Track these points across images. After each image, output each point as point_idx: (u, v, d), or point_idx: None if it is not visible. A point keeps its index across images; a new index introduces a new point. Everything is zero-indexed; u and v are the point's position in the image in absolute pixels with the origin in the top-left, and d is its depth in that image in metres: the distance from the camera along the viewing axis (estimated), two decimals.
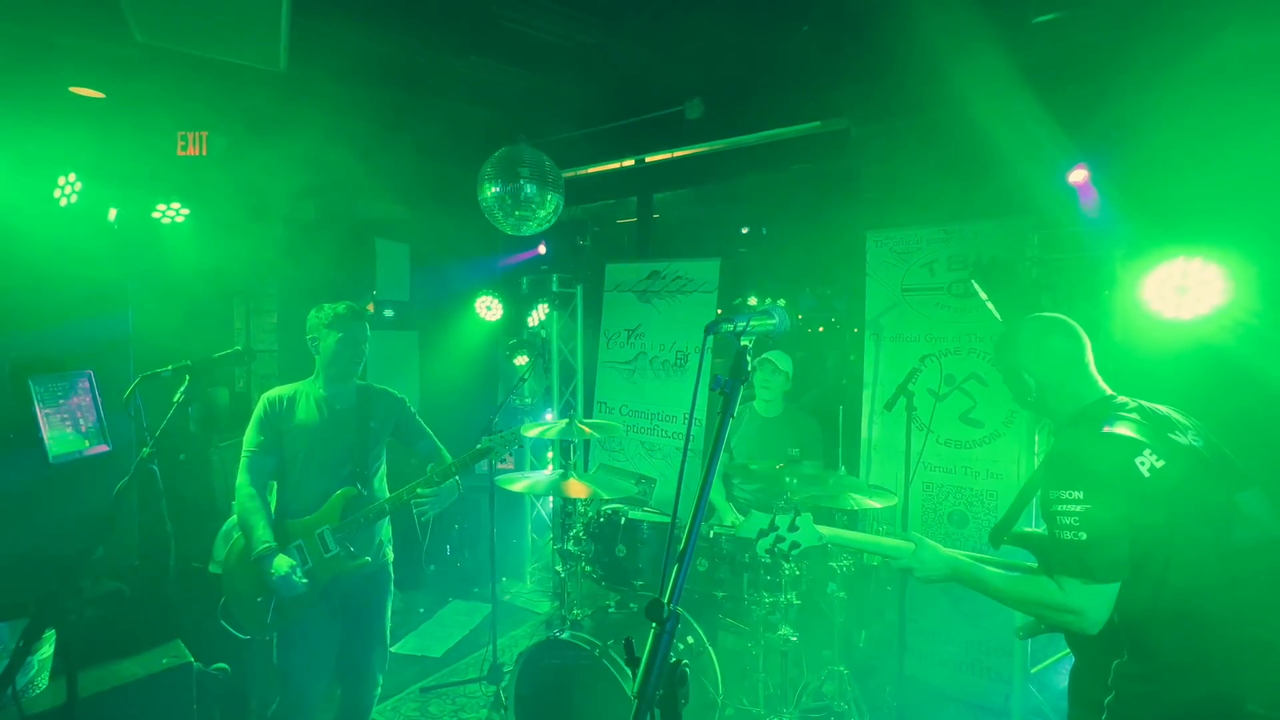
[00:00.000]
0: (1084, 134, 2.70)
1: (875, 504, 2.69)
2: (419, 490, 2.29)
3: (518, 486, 2.85)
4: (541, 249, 4.49)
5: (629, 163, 4.41)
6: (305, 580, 2.18)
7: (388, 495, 2.39)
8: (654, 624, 0.83)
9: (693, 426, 4.07)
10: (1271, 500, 1.44)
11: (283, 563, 2.15)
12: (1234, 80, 2.44)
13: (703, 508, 0.94)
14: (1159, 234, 2.47)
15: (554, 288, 4.57)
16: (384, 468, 2.51)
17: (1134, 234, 2.71)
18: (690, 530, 0.90)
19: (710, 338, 1.11)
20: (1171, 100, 2.58)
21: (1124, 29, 2.68)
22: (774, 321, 1.10)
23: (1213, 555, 1.36)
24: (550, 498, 4.59)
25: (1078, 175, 2.64)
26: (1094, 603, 1.37)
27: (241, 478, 2.26)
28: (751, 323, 1.09)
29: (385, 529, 2.46)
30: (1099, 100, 2.82)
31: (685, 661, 0.86)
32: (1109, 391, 1.56)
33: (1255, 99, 2.39)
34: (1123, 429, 1.43)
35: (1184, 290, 2.30)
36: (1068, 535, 1.37)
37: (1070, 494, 1.38)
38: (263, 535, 2.17)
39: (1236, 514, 1.40)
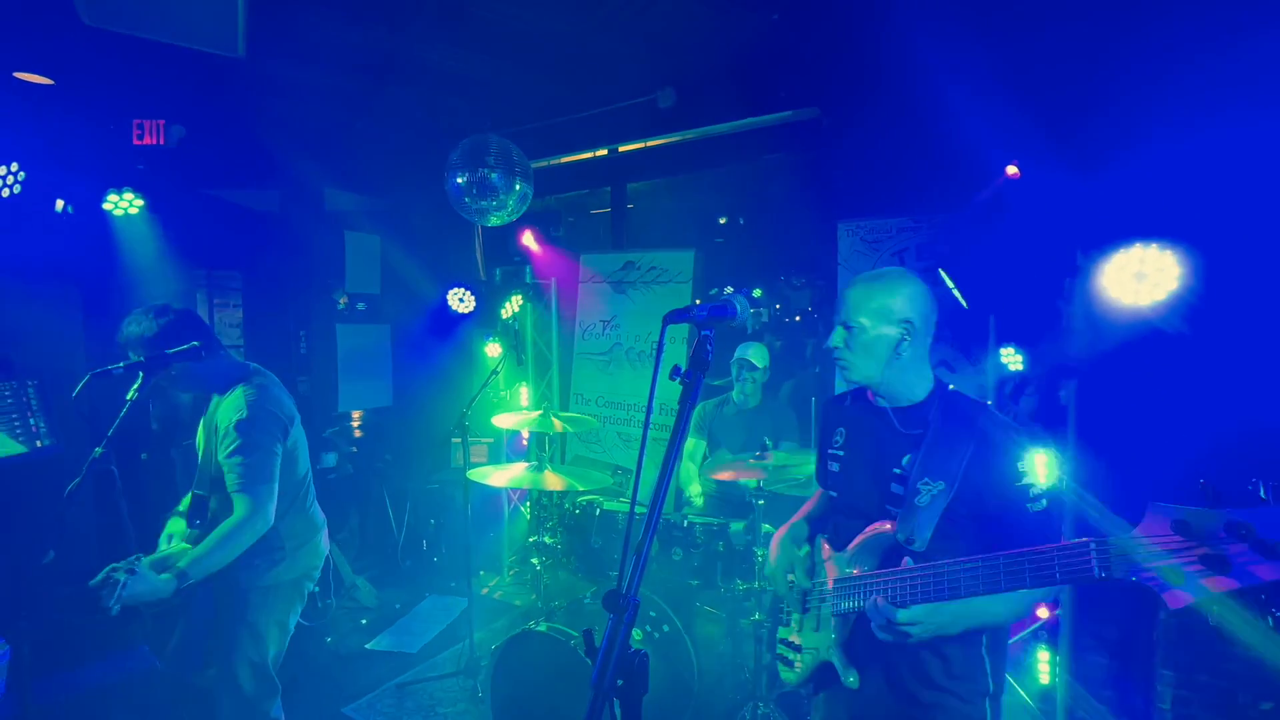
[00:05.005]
0: (1049, 127, 2.75)
1: None
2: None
3: (493, 480, 2.83)
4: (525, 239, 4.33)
5: (602, 152, 4.37)
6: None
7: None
8: (611, 614, 0.83)
9: (665, 417, 4.08)
10: None
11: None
12: (1194, 81, 2.50)
13: (663, 497, 0.94)
14: (1118, 224, 2.53)
15: (528, 279, 4.52)
16: (237, 497, 1.85)
17: (1095, 223, 2.77)
18: (649, 519, 0.90)
19: (685, 328, 1.11)
20: (1134, 99, 2.64)
21: (1096, 31, 2.72)
22: (732, 312, 1.10)
23: None
24: (527, 490, 4.57)
25: (1011, 170, 2.71)
26: None
27: None
28: (710, 313, 1.08)
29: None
30: (1064, 96, 2.86)
31: (647, 649, 0.86)
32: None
33: (1210, 97, 2.46)
34: None
35: (1142, 276, 2.35)
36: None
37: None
38: None
39: None
